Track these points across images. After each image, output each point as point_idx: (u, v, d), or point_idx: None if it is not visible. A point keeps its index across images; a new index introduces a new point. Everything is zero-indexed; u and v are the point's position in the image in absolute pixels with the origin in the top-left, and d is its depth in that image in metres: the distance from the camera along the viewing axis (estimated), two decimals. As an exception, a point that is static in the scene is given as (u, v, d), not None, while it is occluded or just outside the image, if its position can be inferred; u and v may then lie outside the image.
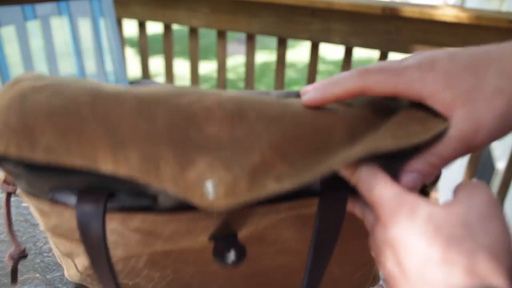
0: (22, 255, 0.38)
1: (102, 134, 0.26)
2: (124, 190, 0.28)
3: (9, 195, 0.35)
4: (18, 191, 0.33)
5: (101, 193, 0.27)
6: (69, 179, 0.27)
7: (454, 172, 4.24)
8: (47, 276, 0.47)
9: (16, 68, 1.25)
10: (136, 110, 0.27)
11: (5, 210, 0.36)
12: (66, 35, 1.32)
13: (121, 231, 0.31)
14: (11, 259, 0.38)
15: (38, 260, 0.49)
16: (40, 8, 1.25)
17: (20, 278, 0.46)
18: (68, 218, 0.30)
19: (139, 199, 0.29)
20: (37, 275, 0.47)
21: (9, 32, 1.22)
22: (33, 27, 1.26)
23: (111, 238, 0.32)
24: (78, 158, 0.25)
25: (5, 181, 0.34)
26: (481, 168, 3.75)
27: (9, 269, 0.41)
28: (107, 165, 0.25)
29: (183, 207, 0.29)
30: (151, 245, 0.32)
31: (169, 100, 0.27)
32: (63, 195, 0.29)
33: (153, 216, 0.29)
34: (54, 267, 0.48)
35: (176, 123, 0.26)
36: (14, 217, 0.56)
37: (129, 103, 0.27)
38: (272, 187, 0.25)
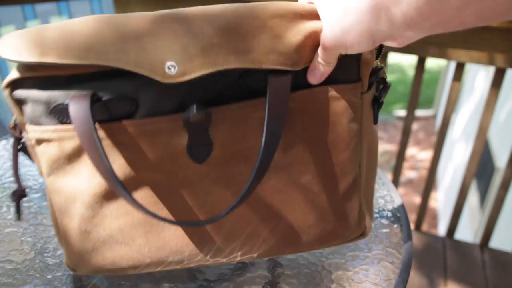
0: (23, 194, 0.44)
1: (85, 41, 0.34)
2: (108, 95, 0.35)
3: (16, 140, 0.42)
4: (24, 134, 0.40)
5: (86, 93, 0.35)
6: (69, 87, 0.35)
7: (455, 171, 4.24)
8: (47, 276, 0.47)
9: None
10: (108, 24, 0.35)
11: (13, 152, 0.42)
12: (66, 35, 1.32)
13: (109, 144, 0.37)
14: (14, 195, 0.44)
15: (38, 260, 0.49)
16: (40, 8, 1.25)
17: (20, 278, 0.46)
18: (68, 138, 0.37)
19: (122, 103, 0.35)
20: (37, 275, 0.47)
21: (9, 32, 1.23)
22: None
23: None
24: (72, 60, 0.33)
25: (12, 128, 0.41)
26: (481, 166, 3.75)
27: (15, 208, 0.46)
28: (94, 61, 0.33)
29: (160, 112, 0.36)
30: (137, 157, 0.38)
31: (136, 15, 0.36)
32: (61, 112, 0.36)
33: (136, 121, 0.36)
34: (54, 267, 0.48)
35: (141, 28, 0.34)
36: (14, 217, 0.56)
37: (104, 24, 0.35)
38: (220, 64, 0.33)
